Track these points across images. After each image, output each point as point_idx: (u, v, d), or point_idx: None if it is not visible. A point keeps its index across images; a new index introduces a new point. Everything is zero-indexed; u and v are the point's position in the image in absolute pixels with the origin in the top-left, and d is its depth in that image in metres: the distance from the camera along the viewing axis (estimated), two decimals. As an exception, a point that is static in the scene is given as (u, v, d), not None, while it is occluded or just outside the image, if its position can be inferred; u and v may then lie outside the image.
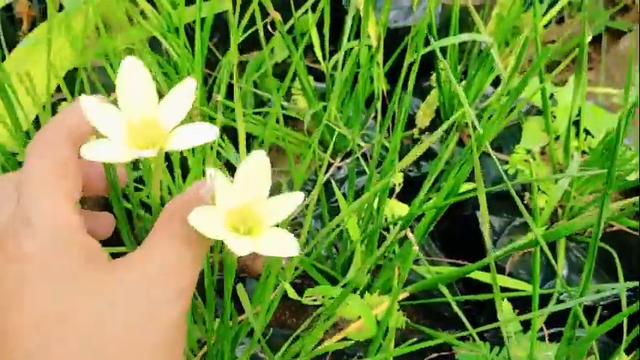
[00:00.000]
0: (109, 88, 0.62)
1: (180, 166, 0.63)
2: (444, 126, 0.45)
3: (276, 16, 0.49)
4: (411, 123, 0.81)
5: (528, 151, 0.66)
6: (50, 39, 0.59)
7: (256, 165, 0.29)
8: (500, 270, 0.68)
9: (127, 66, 0.29)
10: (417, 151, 0.44)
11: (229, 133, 0.68)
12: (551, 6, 0.77)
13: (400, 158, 0.77)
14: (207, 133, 0.28)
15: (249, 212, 0.29)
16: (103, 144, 0.28)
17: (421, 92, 0.82)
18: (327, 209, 0.65)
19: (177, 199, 0.31)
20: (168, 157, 0.64)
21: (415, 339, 0.52)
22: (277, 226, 0.29)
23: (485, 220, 0.41)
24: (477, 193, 0.47)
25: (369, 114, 0.77)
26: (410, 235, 0.36)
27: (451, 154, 0.55)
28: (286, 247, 0.28)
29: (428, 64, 0.77)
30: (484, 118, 0.48)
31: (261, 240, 0.28)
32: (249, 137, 0.72)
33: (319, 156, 0.75)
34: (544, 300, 0.58)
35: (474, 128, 0.42)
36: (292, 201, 0.29)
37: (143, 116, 0.29)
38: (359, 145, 0.75)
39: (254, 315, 0.53)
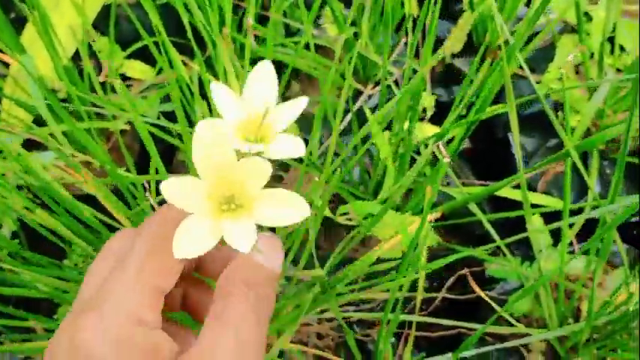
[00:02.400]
0: (143, 23, 0.64)
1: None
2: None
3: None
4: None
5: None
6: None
7: (263, 75, 0.31)
8: (533, 190, 0.69)
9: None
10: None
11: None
12: None
13: (433, 84, 0.77)
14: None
15: (258, 123, 0.30)
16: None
17: (453, 16, 0.81)
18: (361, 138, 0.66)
19: (231, 270, 0.30)
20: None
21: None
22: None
23: (515, 135, 0.42)
24: (506, 109, 0.48)
25: (400, 40, 0.77)
26: (442, 147, 0.37)
27: (484, 78, 0.55)
28: (294, 148, 0.29)
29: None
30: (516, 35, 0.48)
31: (271, 146, 0.30)
32: (282, 67, 0.73)
33: (350, 84, 0.76)
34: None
35: (506, 43, 0.42)
36: (298, 106, 0.30)
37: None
38: (390, 72, 0.75)
39: (289, 234, 0.56)
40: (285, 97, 0.75)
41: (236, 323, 0.28)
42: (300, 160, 0.62)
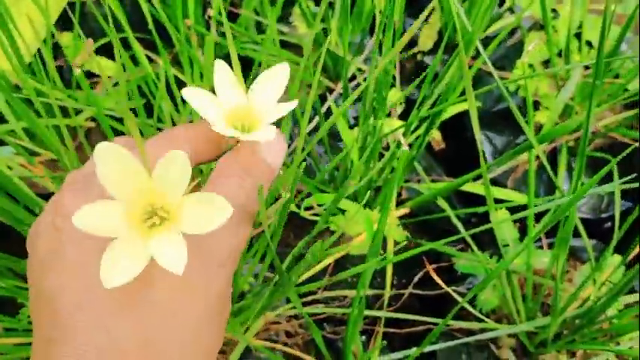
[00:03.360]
0: (107, 19, 0.63)
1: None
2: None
3: None
4: (414, 45, 0.80)
5: (530, 66, 0.66)
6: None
7: (273, 76, 0.32)
8: (502, 187, 0.69)
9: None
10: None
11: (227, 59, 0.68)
12: None
13: (402, 81, 0.77)
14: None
15: (249, 112, 0.31)
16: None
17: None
18: (329, 134, 0.66)
19: (232, 156, 0.31)
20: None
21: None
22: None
23: (475, 127, 0.41)
24: (467, 107, 0.48)
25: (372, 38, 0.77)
26: (401, 137, 0.37)
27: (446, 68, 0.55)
28: (266, 134, 0.29)
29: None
30: (474, 21, 0.48)
31: (250, 133, 0.30)
32: (250, 62, 0.73)
33: (321, 82, 0.76)
34: (546, 213, 0.59)
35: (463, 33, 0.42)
36: (287, 105, 0.30)
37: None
38: (360, 70, 0.75)
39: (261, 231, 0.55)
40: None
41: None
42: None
